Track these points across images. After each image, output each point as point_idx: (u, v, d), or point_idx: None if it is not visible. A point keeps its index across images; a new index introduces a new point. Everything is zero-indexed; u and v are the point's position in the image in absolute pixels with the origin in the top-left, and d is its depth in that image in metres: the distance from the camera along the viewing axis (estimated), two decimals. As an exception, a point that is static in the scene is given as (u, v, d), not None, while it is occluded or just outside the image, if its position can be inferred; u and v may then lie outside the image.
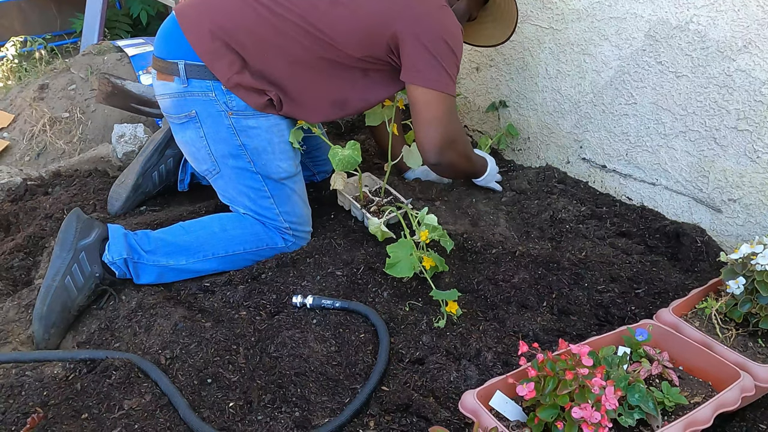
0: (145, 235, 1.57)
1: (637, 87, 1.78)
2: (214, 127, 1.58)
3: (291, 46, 1.52)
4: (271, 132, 1.60)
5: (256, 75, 1.54)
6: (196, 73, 1.54)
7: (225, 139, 1.58)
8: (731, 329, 1.29)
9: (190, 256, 1.57)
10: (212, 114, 1.57)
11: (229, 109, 1.56)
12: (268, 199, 1.64)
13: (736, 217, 1.66)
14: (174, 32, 1.56)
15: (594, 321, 1.48)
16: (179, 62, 1.54)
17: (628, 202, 1.92)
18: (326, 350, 1.37)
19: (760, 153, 1.56)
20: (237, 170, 1.61)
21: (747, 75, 1.53)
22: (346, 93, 1.62)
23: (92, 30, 3.56)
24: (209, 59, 1.52)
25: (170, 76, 1.57)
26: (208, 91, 1.55)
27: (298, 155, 1.70)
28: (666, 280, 1.58)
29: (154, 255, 1.54)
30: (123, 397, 1.25)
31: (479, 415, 1.02)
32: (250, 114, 1.57)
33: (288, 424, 1.19)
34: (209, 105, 1.56)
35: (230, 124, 1.57)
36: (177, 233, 1.60)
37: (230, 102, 1.55)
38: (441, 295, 1.45)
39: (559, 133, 2.06)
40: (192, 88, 1.55)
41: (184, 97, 1.57)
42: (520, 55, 2.08)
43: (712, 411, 1.05)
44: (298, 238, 1.70)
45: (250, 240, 1.63)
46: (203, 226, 1.63)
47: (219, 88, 1.54)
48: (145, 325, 1.43)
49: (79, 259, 1.47)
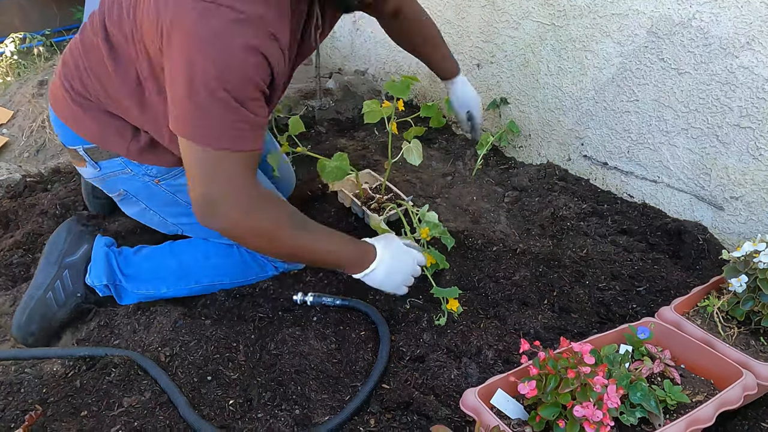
0: (128, 256, 1.48)
1: (638, 84, 1.77)
2: (151, 197, 1.45)
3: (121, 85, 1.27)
4: None
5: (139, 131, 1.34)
6: (99, 155, 1.38)
7: (169, 202, 1.45)
8: (733, 327, 1.29)
9: (170, 284, 1.47)
10: (140, 188, 1.43)
11: (153, 178, 1.40)
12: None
13: (738, 215, 1.65)
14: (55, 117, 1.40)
15: (595, 319, 1.47)
16: (78, 148, 1.39)
17: (630, 199, 1.91)
18: (326, 348, 1.36)
19: (762, 150, 1.55)
20: (197, 225, 1.26)
21: (750, 72, 1.52)
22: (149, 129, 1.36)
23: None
24: (100, 140, 1.35)
25: (80, 161, 1.42)
26: (122, 169, 1.40)
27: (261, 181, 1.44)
28: (667, 278, 1.58)
29: (134, 281, 1.45)
30: (122, 395, 1.24)
31: (480, 413, 1.01)
32: (178, 172, 1.40)
33: (288, 421, 1.18)
34: (132, 180, 1.41)
35: (164, 190, 1.43)
36: (160, 257, 1.49)
37: (150, 171, 1.39)
38: (442, 292, 1.44)
39: (560, 130, 2.05)
40: (105, 170, 1.40)
41: (105, 180, 1.43)
42: (522, 52, 2.07)
43: (714, 409, 1.05)
44: (293, 264, 1.57)
45: (236, 272, 1.51)
46: (188, 250, 1.50)
47: (130, 161, 1.38)
48: (144, 322, 1.43)
49: (62, 276, 1.42)
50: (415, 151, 1.84)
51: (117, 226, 1.76)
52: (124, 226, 1.76)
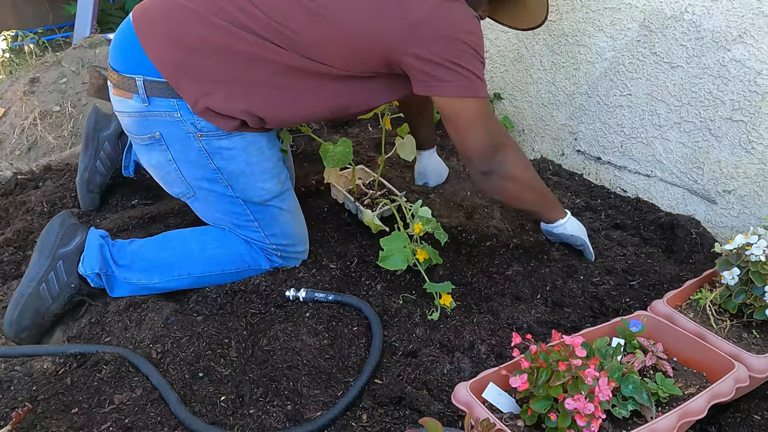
0: (122, 247, 1.48)
1: (631, 78, 1.77)
2: (183, 150, 1.40)
3: (273, 59, 1.33)
4: (249, 152, 1.42)
5: (231, 95, 1.35)
6: (158, 91, 1.35)
7: (197, 162, 1.42)
8: (726, 320, 1.29)
9: (164, 274, 1.46)
10: (179, 136, 1.39)
11: (197, 131, 1.38)
12: (252, 223, 1.50)
13: (730, 209, 1.65)
14: (132, 42, 1.36)
15: (588, 313, 1.47)
16: (137, 78, 1.34)
17: (623, 194, 1.91)
18: (319, 343, 1.35)
19: (754, 144, 1.55)
20: (214, 194, 1.46)
21: (742, 65, 1.52)
22: (347, 101, 1.42)
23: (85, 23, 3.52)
24: (174, 78, 1.33)
25: (128, 92, 1.37)
26: (172, 111, 1.36)
27: (283, 170, 1.52)
28: (661, 272, 1.58)
29: (128, 270, 1.45)
30: (113, 392, 1.23)
31: (472, 407, 1.01)
32: (223, 134, 1.39)
33: (280, 417, 1.18)
34: (175, 126, 1.38)
35: (200, 146, 1.39)
36: (155, 248, 1.49)
37: (198, 123, 1.37)
38: (435, 287, 1.44)
39: (553, 125, 2.05)
40: (153, 107, 1.36)
41: (146, 117, 1.38)
42: (515, 47, 2.06)
43: (706, 402, 1.05)
44: (287, 259, 1.57)
45: (231, 261, 1.51)
46: (183, 241, 1.50)
47: (185, 107, 1.35)
48: (136, 319, 1.42)
49: (56, 267, 1.41)
50: (409, 146, 1.83)
51: (108, 223, 1.75)
52: (115, 224, 1.75)
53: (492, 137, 1.40)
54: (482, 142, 1.39)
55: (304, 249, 1.60)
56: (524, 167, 1.48)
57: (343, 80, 1.37)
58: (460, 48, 1.29)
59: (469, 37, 1.30)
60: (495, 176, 1.43)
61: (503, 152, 1.42)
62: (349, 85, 1.38)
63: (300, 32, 1.30)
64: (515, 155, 1.46)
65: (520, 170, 1.46)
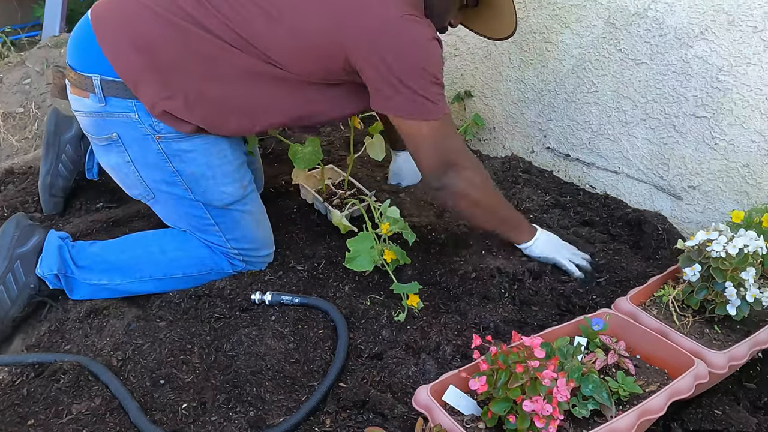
0: (82, 249, 1.46)
1: (598, 75, 1.78)
2: (141, 151, 1.38)
3: (233, 63, 1.30)
4: (210, 154, 1.40)
5: (189, 101, 1.32)
6: (115, 91, 1.32)
7: (155, 164, 1.39)
8: (688, 316, 1.29)
9: (125, 276, 1.45)
10: (137, 138, 1.36)
11: (156, 133, 1.35)
12: (213, 227, 1.47)
13: (695, 204, 1.67)
14: (89, 40, 1.32)
15: (555, 311, 1.47)
16: (94, 77, 1.31)
17: (592, 190, 1.92)
18: (284, 347, 1.34)
19: (717, 140, 1.57)
20: (173, 197, 1.44)
21: (704, 62, 1.53)
22: (308, 109, 1.40)
23: (53, 22, 3.45)
24: (131, 80, 1.30)
25: (85, 92, 1.34)
26: (129, 113, 1.34)
27: (247, 173, 1.50)
28: (627, 269, 1.58)
29: (88, 272, 1.43)
30: (72, 402, 1.21)
31: (432, 411, 1.00)
32: (183, 137, 1.36)
33: (242, 424, 1.16)
34: (132, 128, 1.35)
35: (159, 149, 1.37)
36: (115, 250, 1.47)
37: (157, 125, 1.34)
38: (402, 288, 1.43)
39: (523, 122, 2.05)
40: (110, 107, 1.34)
41: (103, 118, 1.36)
42: (484, 44, 2.06)
43: (666, 399, 1.05)
44: (250, 264, 1.54)
45: (192, 264, 1.48)
46: (144, 244, 1.49)
47: (143, 108, 1.32)
48: (97, 326, 1.39)
49: (13, 268, 1.38)
50: (378, 145, 1.82)
51: (72, 228, 1.72)
52: (79, 228, 1.72)
53: (443, 156, 1.38)
54: (432, 160, 1.39)
55: (269, 253, 1.58)
56: (479, 188, 1.46)
57: (303, 88, 1.36)
58: (412, 70, 1.26)
59: (426, 57, 1.28)
60: (445, 193, 1.43)
61: (455, 171, 1.40)
62: (308, 93, 1.37)
63: (259, 36, 1.29)
64: (469, 174, 1.43)
65: (473, 190, 1.44)
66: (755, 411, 1.24)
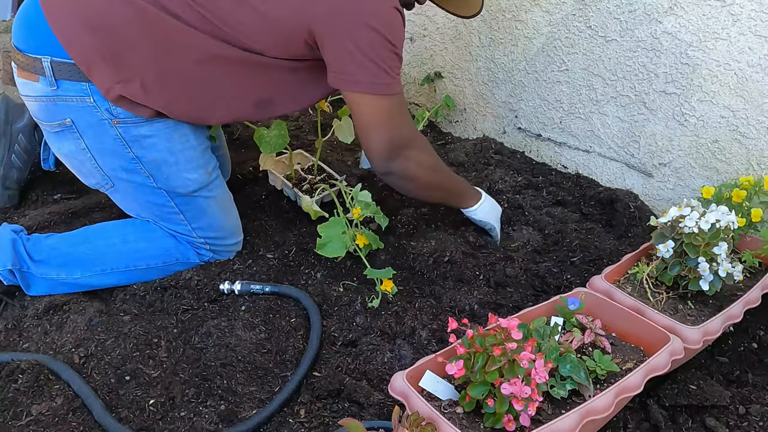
0: (38, 242, 1.39)
1: (568, 53, 1.76)
2: (97, 137, 1.30)
3: (194, 45, 1.25)
4: (172, 140, 1.33)
5: (147, 86, 1.25)
6: (68, 74, 1.24)
7: (113, 150, 1.31)
8: (662, 293, 1.30)
9: (85, 269, 1.38)
10: (92, 123, 1.28)
11: (113, 117, 1.27)
12: (177, 215, 1.41)
13: (666, 181, 1.67)
14: (38, 19, 1.23)
15: (530, 292, 1.46)
16: (44, 59, 1.23)
17: (564, 170, 1.91)
18: (255, 338, 1.30)
19: (687, 116, 1.57)
20: (133, 185, 1.37)
21: (673, 37, 1.53)
22: (270, 93, 1.36)
23: (4, 5, 3.29)
24: (84, 62, 1.22)
25: (34, 75, 1.26)
26: (84, 96, 1.25)
27: (212, 159, 1.44)
28: (601, 247, 1.58)
29: (45, 266, 1.36)
30: (31, 402, 1.15)
31: (409, 398, 0.97)
32: (142, 121, 1.29)
33: (212, 418, 1.12)
34: (87, 112, 1.27)
35: (117, 134, 1.29)
36: (74, 242, 1.41)
37: (114, 109, 1.27)
38: (375, 273, 1.40)
39: (494, 103, 2.03)
40: (63, 91, 1.25)
41: (54, 102, 1.27)
42: (453, 24, 2.02)
43: (643, 377, 1.05)
44: (218, 253, 1.49)
45: (156, 255, 1.42)
46: (105, 235, 1.42)
47: (98, 91, 1.25)
48: (57, 322, 1.33)
49: None
50: (347, 128, 1.78)
51: (28, 221, 1.64)
52: (36, 220, 1.64)
53: (395, 137, 1.34)
54: (383, 142, 1.33)
55: (237, 241, 1.53)
56: (429, 169, 1.43)
57: (267, 69, 1.31)
58: (376, 40, 1.23)
59: (389, 28, 1.24)
60: (394, 177, 1.40)
61: (405, 154, 1.36)
62: (274, 75, 1.32)
63: (225, 16, 1.23)
64: (420, 156, 1.40)
65: (423, 172, 1.42)
66: (728, 384, 1.25)
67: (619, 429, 1.14)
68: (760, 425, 1.15)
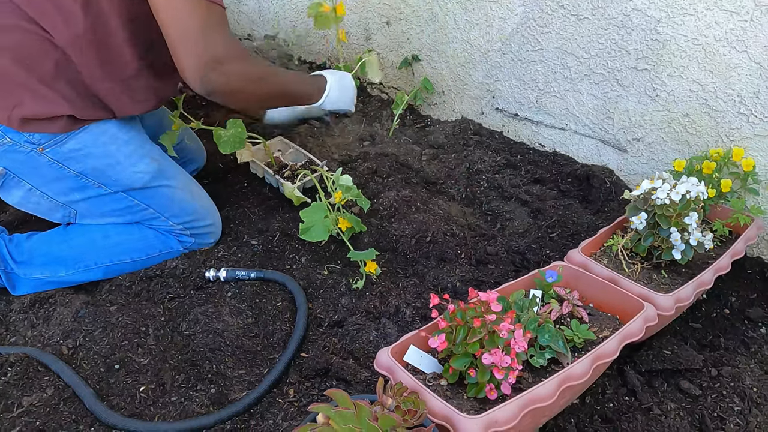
0: (19, 243, 1.39)
1: (542, 32, 1.78)
2: (35, 171, 1.29)
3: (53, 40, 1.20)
4: (101, 143, 1.31)
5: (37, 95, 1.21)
6: None
7: (56, 177, 1.30)
8: (637, 263, 1.34)
9: (69, 267, 1.38)
10: (23, 160, 1.26)
11: (36, 145, 1.25)
12: (147, 210, 1.42)
13: (640, 156, 1.71)
14: None
15: (511, 268, 1.50)
16: None
17: (541, 149, 1.94)
18: (242, 322, 1.32)
19: (658, 91, 1.60)
20: (93, 201, 1.36)
21: (643, 14, 1.55)
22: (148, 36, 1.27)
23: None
24: None
25: None
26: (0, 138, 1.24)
27: (153, 147, 1.42)
28: (578, 222, 1.62)
29: (28, 267, 1.36)
30: (21, 394, 1.16)
31: (394, 372, 1.00)
32: (64, 138, 1.26)
33: (203, 401, 1.14)
34: (12, 152, 1.25)
35: (49, 159, 1.27)
36: (55, 240, 1.40)
37: (32, 138, 1.24)
38: (358, 255, 1.42)
39: (471, 84, 2.05)
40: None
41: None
42: (429, 6, 2.03)
43: (618, 343, 1.09)
44: (199, 236, 1.49)
45: (139, 248, 1.43)
46: (84, 231, 1.41)
47: (6, 128, 1.23)
48: (43, 315, 1.34)
49: None
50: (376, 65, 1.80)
51: (8, 216, 1.63)
52: (15, 216, 1.63)
53: (207, 54, 1.19)
54: (196, 59, 1.19)
55: (213, 222, 1.52)
56: (254, 80, 1.32)
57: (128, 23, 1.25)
58: None
59: None
60: (217, 95, 1.26)
61: (222, 69, 1.22)
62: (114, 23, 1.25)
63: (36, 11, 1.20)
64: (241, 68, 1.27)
65: (246, 83, 1.30)
66: (701, 349, 1.30)
67: (598, 394, 1.19)
68: (732, 386, 1.20)
